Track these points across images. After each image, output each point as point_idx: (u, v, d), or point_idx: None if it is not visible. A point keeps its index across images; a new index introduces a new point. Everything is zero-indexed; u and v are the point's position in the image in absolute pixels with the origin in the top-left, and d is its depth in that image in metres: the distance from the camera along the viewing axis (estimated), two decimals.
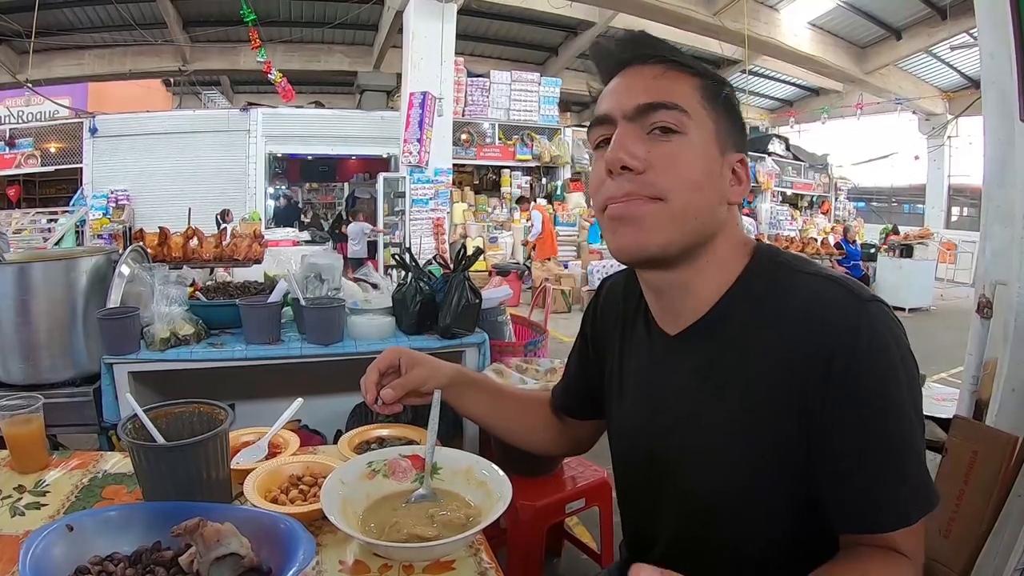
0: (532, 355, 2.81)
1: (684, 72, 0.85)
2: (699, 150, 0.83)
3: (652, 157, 0.81)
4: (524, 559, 2.07)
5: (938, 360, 5.53)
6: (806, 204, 16.80)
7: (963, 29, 10.99)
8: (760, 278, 0.86)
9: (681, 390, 0.89)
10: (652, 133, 0.82)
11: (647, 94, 0.83)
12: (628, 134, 0.83)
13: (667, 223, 0.82)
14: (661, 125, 0.82)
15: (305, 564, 0.80)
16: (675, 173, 0.81)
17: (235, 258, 3.53)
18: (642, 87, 0.84)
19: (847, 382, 0.76)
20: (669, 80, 0.84)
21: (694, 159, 0.82)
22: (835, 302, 0.79)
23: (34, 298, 2.01)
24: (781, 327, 0.81)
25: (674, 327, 0.91)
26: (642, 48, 0.87)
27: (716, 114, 0.85)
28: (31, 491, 1.17)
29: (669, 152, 0.81)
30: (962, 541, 1.53)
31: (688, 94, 0.84)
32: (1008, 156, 1.67)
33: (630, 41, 0.89)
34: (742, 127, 0.91)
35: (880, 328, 0.77)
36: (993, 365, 1.67)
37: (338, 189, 16.09)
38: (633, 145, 0.82)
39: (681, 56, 0.87)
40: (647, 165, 0.81)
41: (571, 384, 1.19)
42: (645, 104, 0.82)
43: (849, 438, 0.76)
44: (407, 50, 8.42)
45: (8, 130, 11.15)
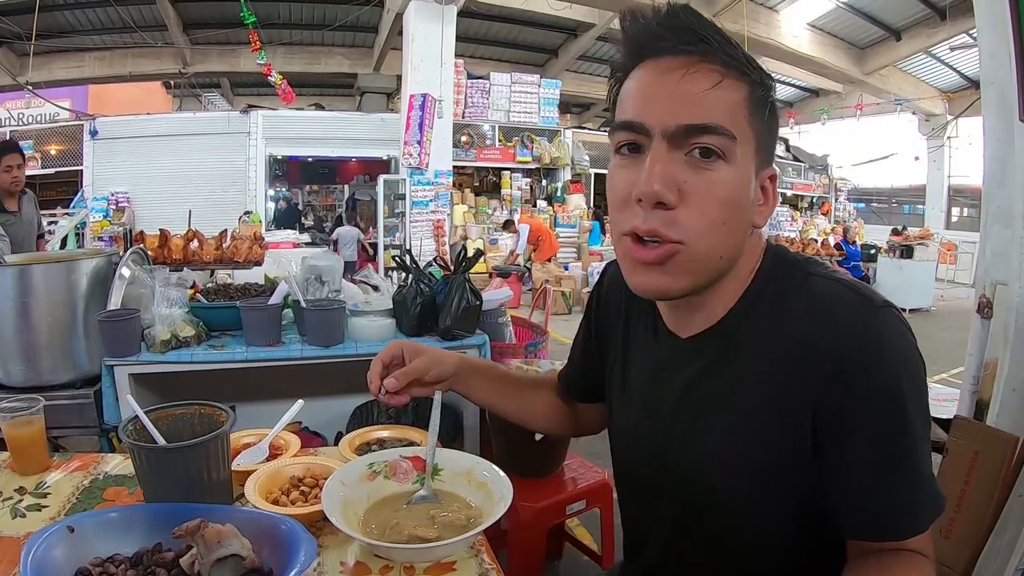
0: (533, 356, 2.81)
1: (736, 78, 0.76)
2: (739, 180, 0.76)
3: (687, 188, 0.74)
4: (525, 560, 2.07)
5: (939, 360, 5.51)
6: (806, 205, 16.80)
7: (962, 30, 10.99)
8: (772, 280, 0.84)
9: (688, 391, 0.87)
10: (691, 154, 0.74)
11: (696, 111, 0.74)
12: (667, 160, 0.74)
13: (689, 268, 0.77)
14: (704, 147, 0.74)
15: (306, 565, 0.80)
16: (708, 213, 0.75)
17: (235, 260, 3.53)
18: (691, 99, 0.74)
19: (858, 389, 0.74)
20: (723, 92, 0.74)
21: (732, 193, 0.75)
22: (846, 306, 0.77)
23: (35, 300, 2.00)
24: (791, 329, 0.79)
25: (686, 331, 0.89)
26: (694, 35, 0.75)
27: (758, 128, 0.78)
28: (32, 493, 1.17)
29: (707, 185, 0.74)
30: (963, 541, 1.53)
31: (738, 110, 0.75)
32: (1008, 156, 1.67)
33: (680, 20, 0.77)
34: (777, 136, 0.84)
35: (891, 335, 0.75)
36: (993, 365, 1.68)
37: (338, 191, 16.10)
38: (671, 176, 0.74)
39: (736, 53, 0.76)
40: (680, 199, 0.74)
41: (576, 368, 1.18)
42: (693, 126, 0.73)
43: (860, 446, 0.75)
44: (407, 52, 8.43)
45: (8, 132, 11.15)
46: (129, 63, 12.54)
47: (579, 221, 11.39)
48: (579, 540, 2.58)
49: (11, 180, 3.81)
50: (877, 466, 0.75)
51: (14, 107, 11.78)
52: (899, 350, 0.75)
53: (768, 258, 0.86)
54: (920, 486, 0.76)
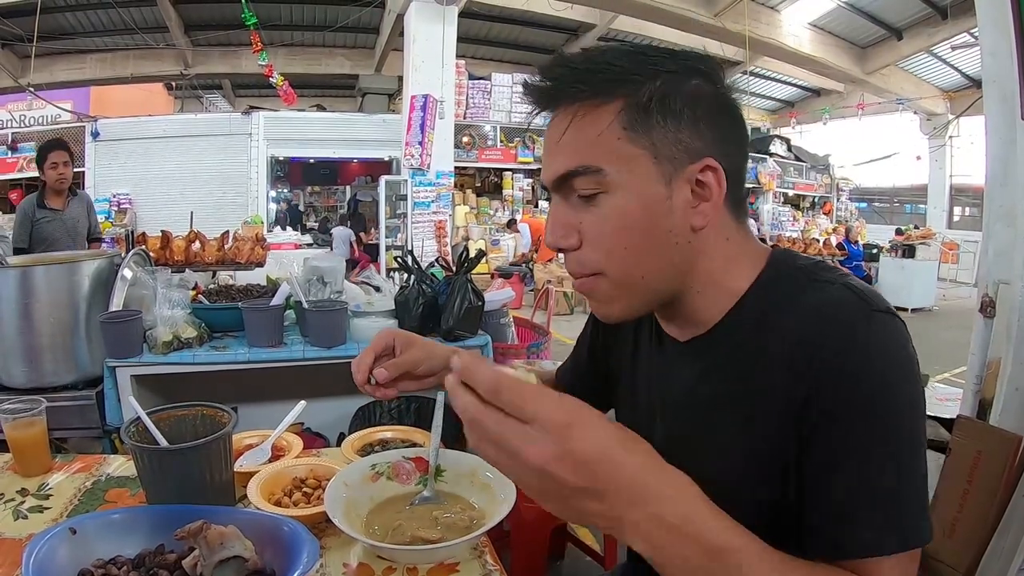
0: (535, 357, 2.81)
1: (598, 102, 0.74)
2: (630, 204, 0.75)
3: (584, 228, 0.77)
4: (527, 561, 2.07)
5: (941, 360, 5.52)
6: (808, 205, 16.80)
7: (964, 29, 10.98)
8: (774, 287, 0.80)
9: (687, 396, 0.86)
10: (579, 198, 0.77)
11: (557, 161, 0.77)
12: (558, 211, 0.80)
13: (616, 293, 0.79)
14: (580, 195, 0.76)
15: (309, 567, 0.80)
16: (606, 245, 0.76)
17: (237, 261, 3.53)
18: (554, 151, 0.77)
19: (837, 395, 0.70)
20: (579, 127, 0.75)
21: (623, 221, 0.75)
22: (841, 309, 0.73)
23: (37, 302, 2.01)
24: (788, 335, 0.75)
25: (683, 335, 0.88)
26: (550, 90, 0.78)
27: (651, 135, 0.74)
28: (34, 494, 1.17)
29: (597, 221, 0.76)
30: (966, 541, 1.53)
31: (603, 138, 0.74)
32: (1010, 155, 1.66)
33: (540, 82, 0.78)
34: (701, 122, 0.76)
35: (883, 341, 0.71)
36: (996, 364, 1.67)
37: (340, 192, 16.13)
38: (565, 222, 0.78)
39: (589, 79, 0.74)
40: (581, 238, 0.78)
41: (579, 368, 1.17)
42: (558, 177, 0.77)
43: (830, 454, 0.71)
44: (408, 53, 8.43)
45: (10, 134, 11.17)
46: (131, 65, 12.56)
47: None
48: (581, 541, 2.57)
49: (57, 177, 3.85)
50: (841, 477, 0.70)
51: (16, 109, 11.78)
52: (893, 361, 0.71)
53: (771, 265, 0.83)
54: (888, 505, 0.69)
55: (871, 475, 0.69)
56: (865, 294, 0.74)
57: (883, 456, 0.69)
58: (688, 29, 10.88)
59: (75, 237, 3.97)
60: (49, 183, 3.88)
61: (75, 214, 4.01)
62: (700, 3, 10.60)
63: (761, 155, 14.89)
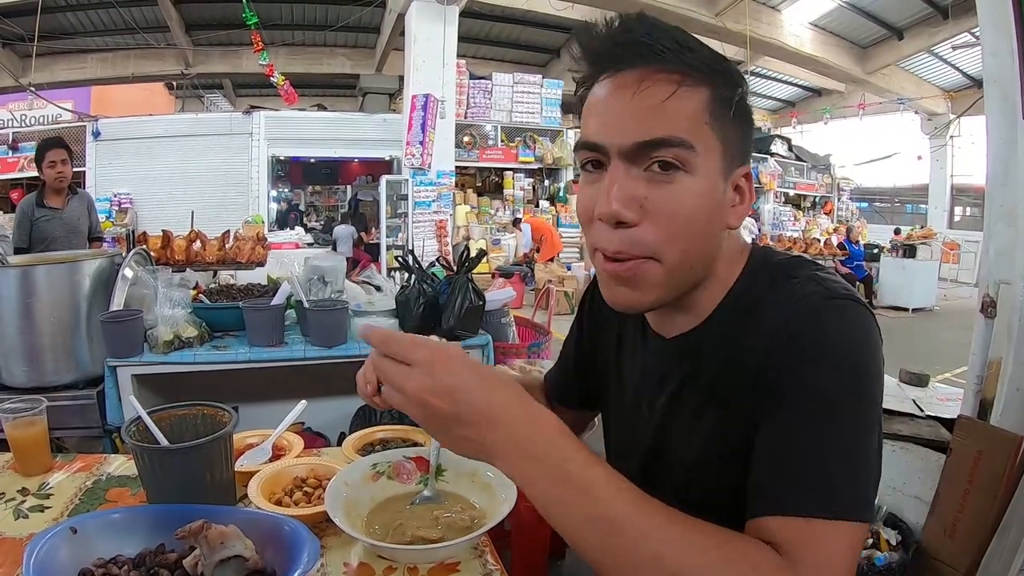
0: (535, 357, 2.81)
1: (696, 83, 0.73)
2: (703, 189, 0.74)
3: (649, 204, 0.73)
4: (528, 561, 2.07)
5: (942, 360, 5.52)
6: (809, 205, 16.78)
7: (965, 28, 10.98)
8: (753, 284, 0.82)
9: (674, 391, 0.87)
10: (650, 169, 0.73)
11: (649, 126, 0.72)
12: (624, 179, 0.74)
13: (661, 281, 0.77)
14: (662, 160, 0.72)
15: (309, 566, 0.80)
16: (672, 227, 0.74)
17: (238, 261, 3.54)
18: (644, 114, 0.72)
19: (784, 371, 0.71)
20: (678, 102, 0.72)
21: (696, 204, 0.74)
22: (805, 298, 0.74)
23: (38, 301, 2.01)
24: (760, 328, 0.76)
25: (670, 332, 0.88)
26: (646, 47, 0.73)
27: (725, 130, 0.75)
28: (35, 494, 1.17)
29: (669, 199, 0.73)
30: (967, 540, 1.53)
31: (697, 117, 0.73)
32: (1011, 155, 1.66)
33: (632, 32, 0.74)
34: (751, 132, 0.81)
35: (836, 322, 0.71)
36: (997, 365, 1.67)
37: (341, 192, 16.13)
38: (630, 193, 0.73)
39: (692, 55, 0.74)
40: (642, 215, 0.73)
41: (568, 371, 1.15)
42: (647, 141, 0.72)
43: (771, 426, 0.71)
44: (409, 53, 8.43)
45: (11, 134, 11.18)
46: (131, 64, 12.57)
47: None
48: None
49: (55, 175, 3.84)
50: (773, 448, 0.70)
51: (17, 108, 11.78)
52: (842, 339, 0.71)
53: (751, 263, 0.84)
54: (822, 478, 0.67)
55: (801, 444, 0.68)
56: (828, 284, 0.76)
57: (817, 427, 0.68)
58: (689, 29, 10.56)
59: (75, 236, 3.95)
60: (48, 182, 3.87)
61: (75, 213, 3.99)
62: (701, 3, 10.61)
63: (762, 155, 14.88)
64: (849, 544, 0.66)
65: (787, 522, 0.66)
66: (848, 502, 0.66)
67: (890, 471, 2.03)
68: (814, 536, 0.65)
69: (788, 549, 0.65)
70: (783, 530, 0.66)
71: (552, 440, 0.65)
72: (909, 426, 2.09)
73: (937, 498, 1.67)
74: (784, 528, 0.66)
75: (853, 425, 0.69)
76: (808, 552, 0.64)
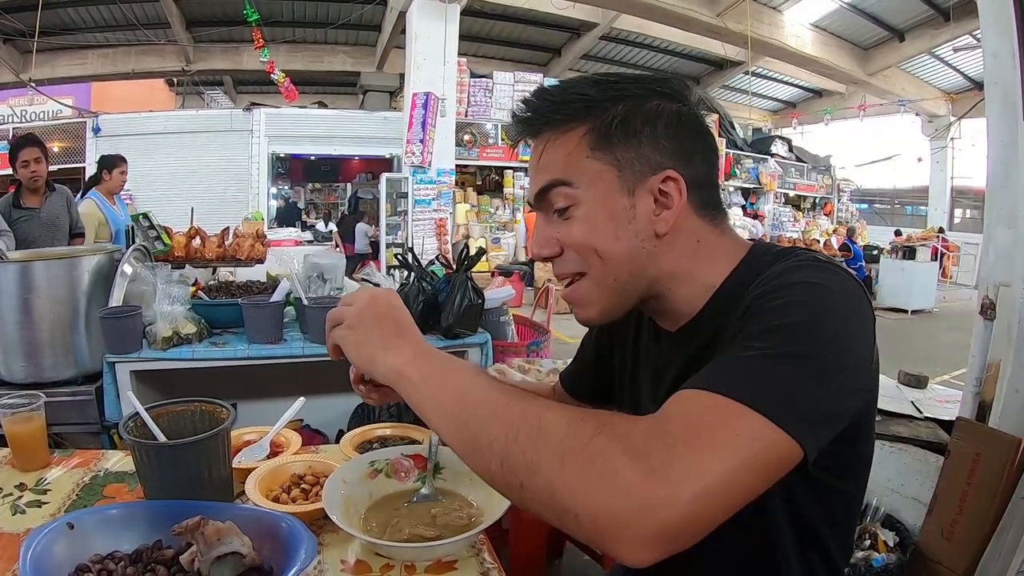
0: (535, 356, 2.81)
1: (564, 131, 0.83)
2: (597, 214, 0.83)
3: (561, 238, 0.86)
4: (526, 560, 2.07)
5: (941, 362, 5.53)
6: (809, 206, 16.77)
7: (966, 31, 10.97)
8: (748, 272, 0.84)
9: (674, 383, 0.86)
10: (555, 212, 0.85)
11: (537, 179, 0.86)
12: (541, 224, 0.88)
13: (594, 293, 0.86)
14: (556, 208, 0.85)
15: (306, 563, 0.80)
16: (582, 252, 0.84)
17: (238, 258, 3.53)
18: (534, 171, 0.87)
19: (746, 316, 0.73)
20: (552, 149, 0.84)
21: (592, 229, 0.83)
22: (785, 267, 0.78)
23: (37, 297, 2.00)
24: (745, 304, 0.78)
25: (672, 326, 0.92)
26: (528, 119, 0.87)
27: (615, 152, 0.81)
28: (32, 489, 1.17)
29: (570, 232, 0.84)
30: (965, 542, 1.53)
31: (575, 155, 0.82)
32: (1011, 157, 1.66)
33: (521, 115, 0.88)
34: (670, 132, 0.83)
35: (805, 272, 0.75)
36: (996, 367, 1.67)
37: (341, 189, 16.12)
38: (546, 235, 0.87)
39: (559, 108, 0.84)
40: (562, 246, 0.86)
41: (584, 371, 1.18)
42: (537, 192, 0.86)
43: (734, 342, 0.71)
44: (410, 51, 8.43)
45: (11, 129, 11.16)
46: (132, 60, 12.54)
47: None
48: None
49: (29, 175, 3.78)
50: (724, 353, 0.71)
51: (17, 104, 11.77)
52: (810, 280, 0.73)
53: (750, 255, 0.88)
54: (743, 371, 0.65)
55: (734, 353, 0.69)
56: (814, 255, 0.81)
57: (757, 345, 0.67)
58: (690, 29, 10.89)
59: (56, 234, 3.89)
60: (23, 182, 3.82)
61: (54, 211, 3.92)
62: (702, 3, 10.59)
63: (762, 155, 14.87)
64: (750, 434, 0.60)
65: (684, 394, 0.64)
66: (768, 399, 0.61)
67: (888, 472, 2.03)
68: (705, 406, 0.62)
69: (665, 413, 0.63)
70: (677, 399, 0.64)
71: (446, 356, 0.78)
72: (908, 428, 2.09)
73: (935, 500, 1.67)
74: (679, 397, 0.64)
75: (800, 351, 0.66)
76: (686, 417, 0.61)
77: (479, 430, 0.66)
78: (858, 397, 0.72)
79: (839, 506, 0.85)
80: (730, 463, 0.58)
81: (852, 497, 0.86)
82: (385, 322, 0.81)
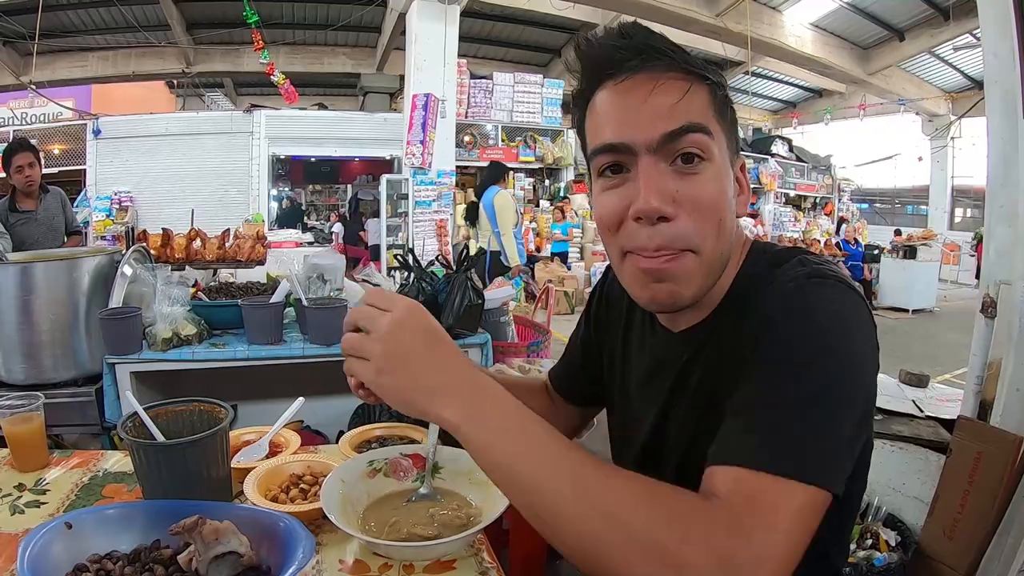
0: (535, 356, 2.81)
1: (699, 84, 0.77)
2: (722, 175, 0.78)
3: (681, 197, 0.75)
4: (526, 560, 2.06)
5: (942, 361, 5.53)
6: (809, 205, 16.76)
7: (966, 30, 10.97)
8: (752, 275, 0.83)
9: (680, 382, 0.88)
10: (675, 163, 0.76)
11: (674, 116, 0.75)
12: (656, 173, 0.75)
13: (700, 273, 0.79)
14: (686, 152, 0.75)
15: (304, 563, 0.80)
16: (705, 217, 0.76)
17: (238, 259, 3.52)
18: (666, 109, 0.75)
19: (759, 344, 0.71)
20: (692, 98, 0.76)
21: (719, 189, 0.77)
22: (786, 281, 0.75)
23: (37, 298, 2.00)
24: (750, 319, 0.77)
25: (677, 327, 0.90)
26: (652, 51, 0.77)
27: (725, 124, 0.80)
28: (31, 489, 1.17)
29: (697, 188, 0.75)
30: (967, 541, 1.52)
31: (707, 111, 0.78)
32: (1012, 156, 1.66)
33: (635, 38, 0.78)
34: (737, 129, 0.86)
35: (817, 297, 0.72)
36: (997, 365, 1.67)
37: (341, 191, 16.13)
38: (665, 187, 0.75)
39: (693, 61, 0.79)
40: (678, 208, 0.75)
41: (573, 366, 1.17)
42: (674, 130, 0.74)
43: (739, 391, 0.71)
44: (410, 52, 8.43)
45: (12, 132, 11.17)
46: (132, 63, 12.56)
47: (582, 221, 11.38)
48: None
49: (24, 180, 3.81)
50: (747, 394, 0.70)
51: (18, 106, 11.78)
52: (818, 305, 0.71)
53: (752, 255, 0.87)
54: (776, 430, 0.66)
55: (762, 398, 0.68)
56: (812, 265, 0.77)
57: (780, 384, 0.68)
58: (690, 29, 10.87)
59: (53, 235, 3.96)
60: (18, 187, 3.85)
61: (50, 212, 3.98)
62: (702, 3, 10.59)
63: (763, 155, 14.86)
64: (798, 506, 0.62)
65: (731, 471, 0.65)
66: (803, 462, 0.64)
67: (889, 472, 2.03)
68: (755, 489, 0.63)
69: (725, 499, 0.63)
70: (727, 480, 0.64)
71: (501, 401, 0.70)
72: (909, 427, 2.09)
73: (937, 499, 1.67)
74: (729, 478, 0.64)
75: (821, 388, 0.67)
76: (745, 505, 0.62)
77: (554, 524, 0.69)
78: (871, 416, 0.74)
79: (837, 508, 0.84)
80: (794, 538, 0.62)
81: (850, 498, 0.86)
82: (420, 359, 0.69)
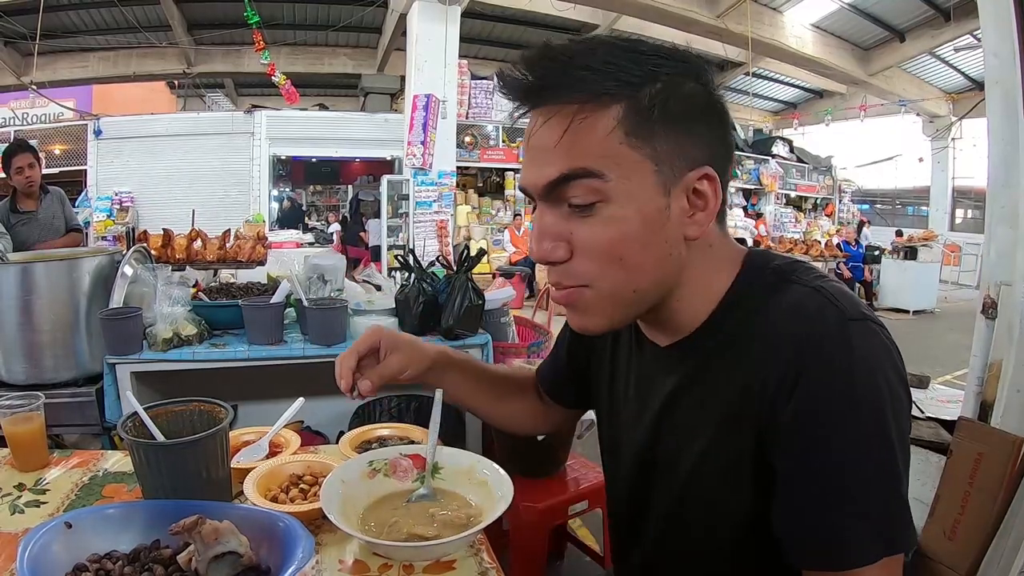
0: (535, 356, 2.80)
1: (598, 106, 0.69)
2: (629, 214, 0.71)
3: (575, 240, 0.73)
4: (526, 561, 2.06)
5: (943, 362, 5.52)
6: (810, 206, 16.77)
7: (967, 31, 10.97)
8: (750, 289, 0.78)
9: (669, 399, 0.85)
10: (571, 206, 0.72)
11: (553, 163, 0.71)
12: (550, 218, 0.74)
13: (602, 305, 0.76)
14: (574, 203, 0.71)
15: (304, 563, 0.80)
16: (600, 259, 0.72)
17: (238, 260, 3.53)
18: (548, 152, 0.71)
19: (811, 405, 0.68)
20: (575, 132, 0.69)
21: (622, 232, 0.71)
22: (814, 316, 0.70)
23: (37, 298, 2.01)
24: (760, 341, 0.73)
25: (664, 340, 0.86)
26: (535, 85, 0.72)
27: (654, 141, 0.70)
28: (31, 489, 1.17)
29: (592, 232, 0.72)
30: (967, 543, 1.52)
31: (609, 140, 0.69)
32: (1012, 156, 1.66)
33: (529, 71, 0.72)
34: (715, 126, 0.75)
35: (862, 350, 0.68)
36: (998, 366, 1.67)
37: (342, 191, 16.13)
38: (557, 231, 0.73)
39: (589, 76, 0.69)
40: (571, 250, 0.73)
41: (559, 367, 1.15)
42: (553, 181, 0.71)
43: (805, 467, 0.69)
44: (411, 53, 8.44)
45: (13, 132, 11.17)
46: (133, 63, 12.56)
47: None
48: (581, 540, 2.57)
49: (24, 181, 3.83)
50: (820, 490, 0.68)
51: (19, 107, 11.81)
52: (867, 367, 0.67)
53: (748, 267, 0.81)
54: (870, 515, 0.67)
55: (852, 490, 0.67)
56: (839, 300, 0.71)
57: (864, 468, 0.67)
58: (690, 30, 10.87)
59: (53, 235, 3.98)
60: (19, 188, 3.87)
61: (50, 212, 4.00)
62: (703, 4, 10.59)
63: (763, 156, 14.87)
64: (899, 568, 0.69)
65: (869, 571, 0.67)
66: (904, 538, 0.68)
67: None
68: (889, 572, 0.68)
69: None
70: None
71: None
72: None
73: (937, 500, 1.67)
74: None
75: (892, 455, 0.68)
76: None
77: None
78: None
79: None
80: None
81: None
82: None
